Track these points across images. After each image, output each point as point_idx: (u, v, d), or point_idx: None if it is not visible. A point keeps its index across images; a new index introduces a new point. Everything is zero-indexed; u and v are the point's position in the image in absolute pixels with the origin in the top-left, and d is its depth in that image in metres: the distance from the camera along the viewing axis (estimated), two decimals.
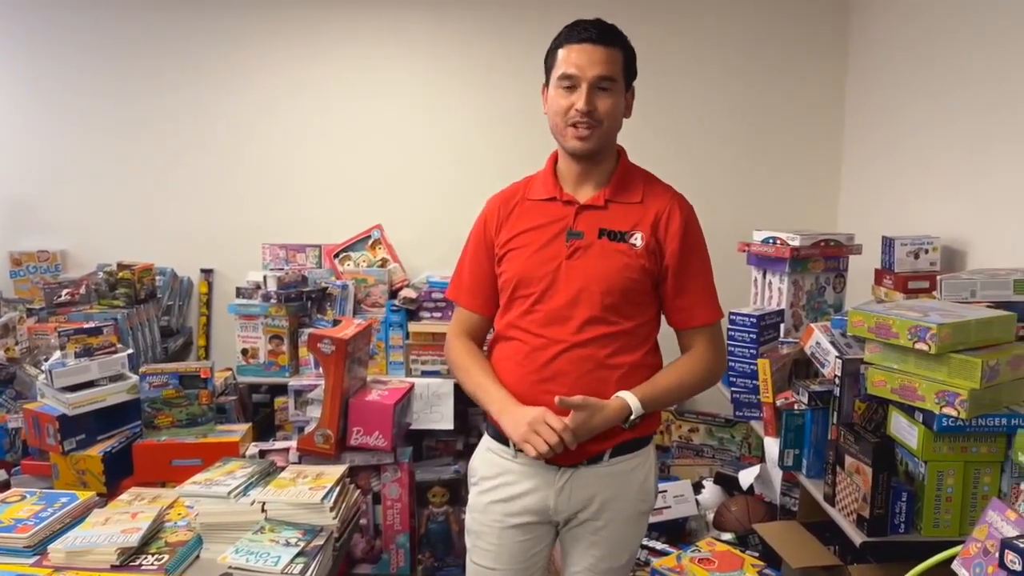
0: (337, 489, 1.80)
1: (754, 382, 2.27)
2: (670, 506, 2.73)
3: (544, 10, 3.20)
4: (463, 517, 1.83)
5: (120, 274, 2.94)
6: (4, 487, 2.12)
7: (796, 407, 2.05)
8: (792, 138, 3.39)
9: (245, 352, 3.04)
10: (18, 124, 3.41)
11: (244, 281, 3.22)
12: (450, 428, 2.95)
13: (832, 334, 2.05)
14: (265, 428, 3.08)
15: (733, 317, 2.36)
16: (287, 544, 1.61)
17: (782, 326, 2.50)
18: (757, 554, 2.38)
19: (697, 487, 2.90)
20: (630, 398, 1.60)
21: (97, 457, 2.12)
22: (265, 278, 3.10)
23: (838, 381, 1.90)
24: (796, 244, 2.47)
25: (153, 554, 1.61)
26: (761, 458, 2.70)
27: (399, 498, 2.49)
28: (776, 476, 2.49)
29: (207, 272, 3.49)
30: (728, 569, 2.26)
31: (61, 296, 2.85)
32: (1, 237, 3.42)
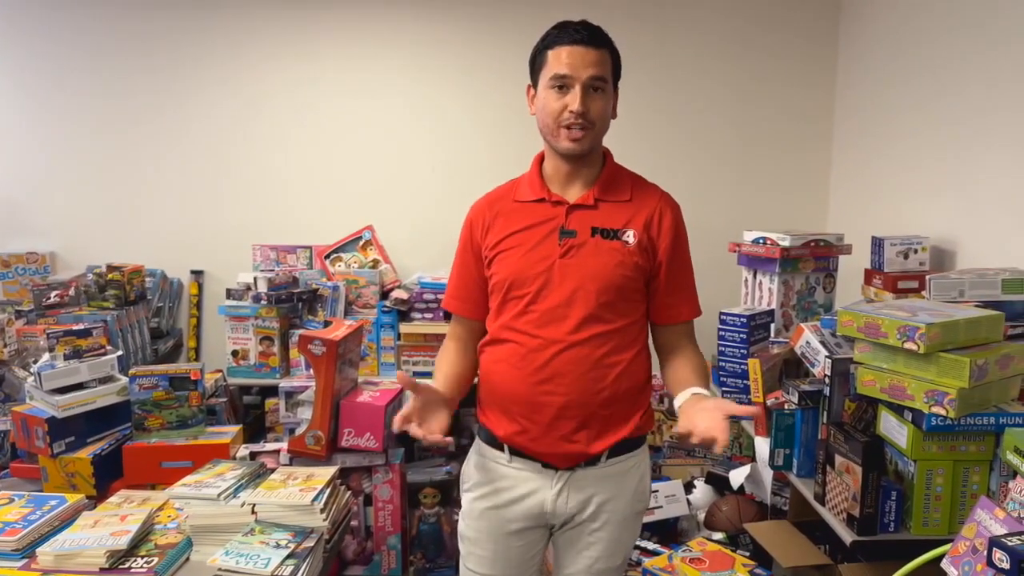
0: (328, 491, 1.80)
1: (744, 382, 2.28)
2: (662, 506, 2.74)
3: (536, 11, 3.19)
4: (455, 518, 1.82)
5: (110, 276, 2.92)
6: None
7: (786, 407, 2.05)
8: (782, 139, 3.41)
9: (235, 354, 3.03)
10: (6, 125, 3.39)
11: (234, 282, 3.20)
12: None
13: (822, 334, 2.05)
14: (256, 430, 3.07)
15: (724, 317, 2.36)
16: (277, 546, 1.60)
17: (772, 326, 2.51)
18: (748, 553, 2.38)
19: (688, 487, 2.91)
20: (703, 391, 1.60)
21: (87, 459, 2.11)
22: (255, 279, 3.09)
23: (828, 381, 1.90)
24: (786, 244, 2.48)
25: (143, 556, 1.61)
26: (752, 458, 2.71)
27: (390, 499, 2.48)
28: (767, 476, 2.50)
29: (197, 273, 3.48)
30: (719, 569, 2.26)
31: (50, 298, 2.83)
32: None
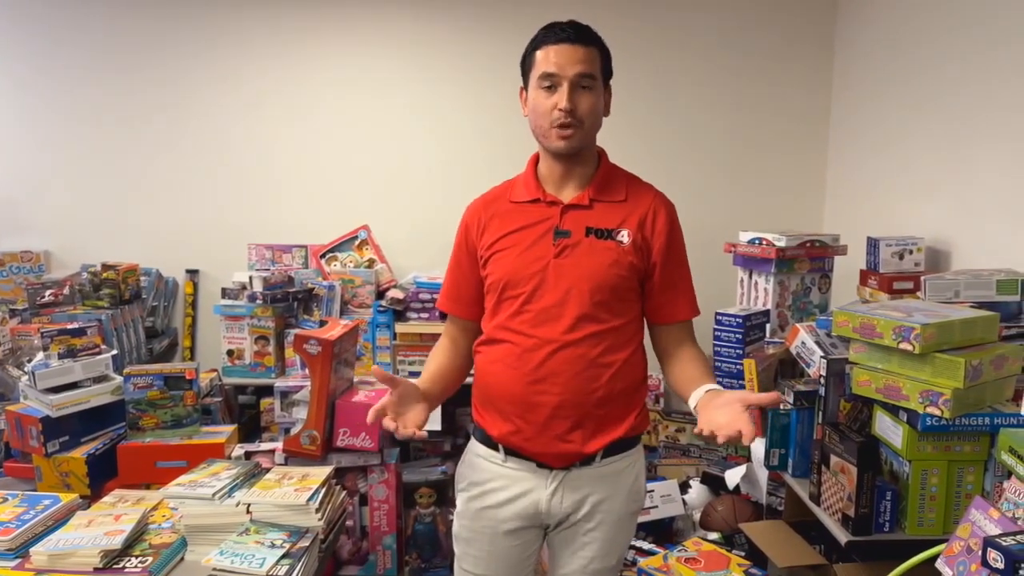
0: (323, 490, 1.80)
1: (740, 382, 2.28)
2: (657, 506, 2.74)
3: (535, 12, 3.17)
4: (450, 518, 1.82)
5: (104, 275, 2.91)
6: None
7: (782, 407, 2.06)
8: (778, 140, 3.41)
9: (231, 353, 3.03)
10: (0, 124, 3.38)
11: (230, 282, 3.20)
12: (438, 429, 2.93)
13: (817, 334, 2.06)
14: (251, 429, 3.07)
15: (719, 317, 2.36)
16: (272, 546, 1.60)
17: (768, 326, 2.51)
18: (743, 553, 2.39)
19: (684, 487, 2.91)
20: (715, 386, 1.58)
21: (81, 459, 2.10)
22: (251, 279, 3.08)
23: (823, 381, 1.91)
24: (782, 245, 2.49)
25: (137, 556, 1.60)
26: (747, 458, 2.71)
27: (386, 499, 2.48)
28: (762, 476, 2.50)
29: (192, 273, 3.47)
30: (714, 568, 2.26)
31: (44, 297, 2.82)
32: None
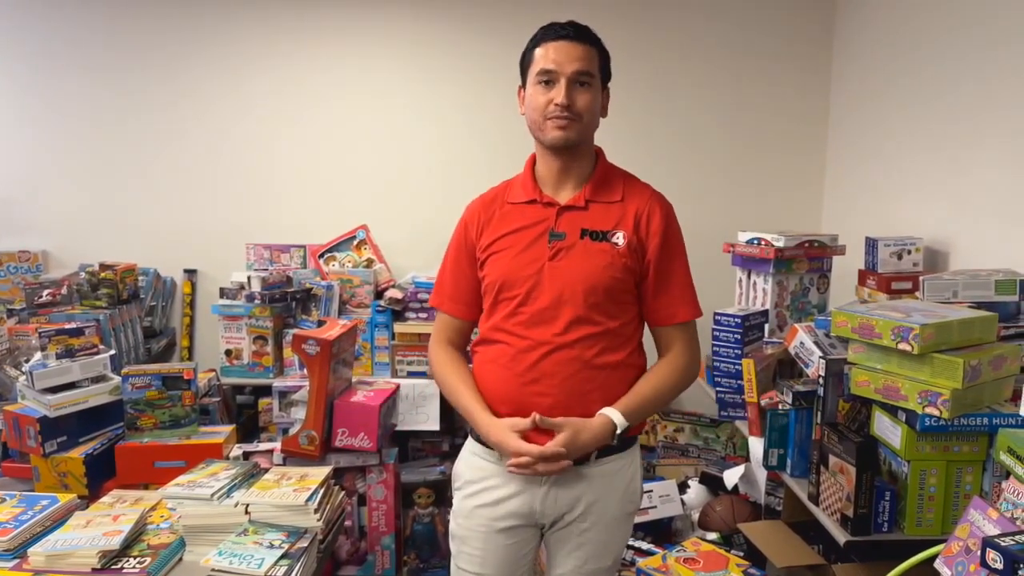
0: (321, 491, 1.80)
1: (739, 382, 2.28)
2: (655, 506, 2.74)
3: (535, 11, 3.18)
4: (448, 518, 1.82)
5: (102, 274, 2.91)
6: None
7: (780, 407, 2.06)
8: (777, 140, 3.41)
9: (229, 353, 3.02)
10: None
11: (228, 281, 3.19)
12: (436, 429, 2.94)
13: (816, 334, 2.06)
14: (249, 429, 3.06)
15: (718, 317, 2.36)
16: (271, 546, 1.60)
17: (766, 326, 2.51)
18: (742, 554, 2.39)
19: (682, 487, 2.91)
20: (614, 414, 1.61)
21: (79, 459, 2.10)
22: (249, 278, 3.08)
23: (822, 381, 1.90)
24: (780, 245, 2.49)
25: (135, 557, 1.60)
26: (746, 458, 2.72)
27: (384, 499, 2.48)
28: (761, 476, 2.50)
29: (190, 272, 3.47)
30: (713, 569, 2.26)
31: (42, 296, 2.82)
32: None
